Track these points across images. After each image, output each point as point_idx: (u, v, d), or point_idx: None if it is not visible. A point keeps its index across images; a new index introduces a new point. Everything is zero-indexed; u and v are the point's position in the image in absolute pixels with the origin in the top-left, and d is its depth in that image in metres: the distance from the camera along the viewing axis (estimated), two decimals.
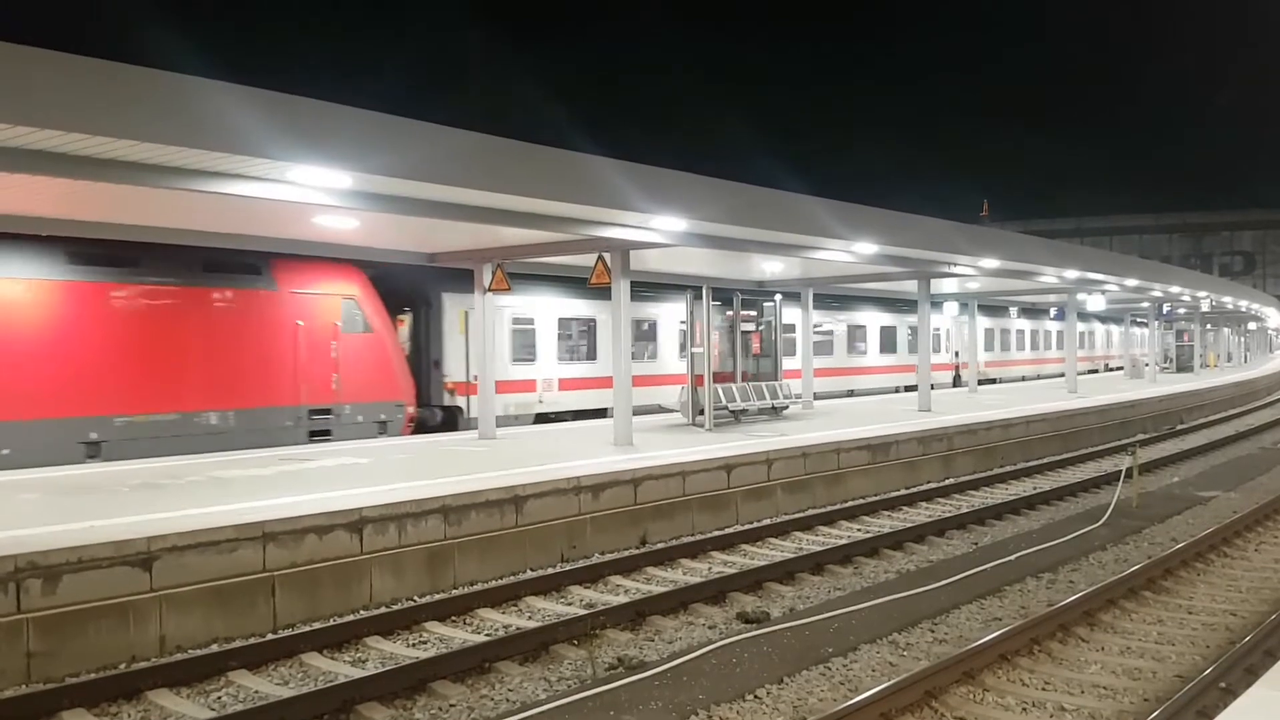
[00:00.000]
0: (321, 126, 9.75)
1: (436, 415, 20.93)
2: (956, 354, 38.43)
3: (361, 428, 18.49)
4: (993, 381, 40.24)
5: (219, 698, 7.57)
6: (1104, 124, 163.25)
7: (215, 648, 8.43)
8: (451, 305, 21.09)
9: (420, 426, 19.95)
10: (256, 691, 7.64)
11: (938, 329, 36.99)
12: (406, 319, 21.58)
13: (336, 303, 18.41)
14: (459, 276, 19.28)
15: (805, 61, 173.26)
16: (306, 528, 9.53)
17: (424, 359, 21.24)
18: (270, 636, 8.74)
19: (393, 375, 19.24)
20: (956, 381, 37.89)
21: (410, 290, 21.19)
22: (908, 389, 32.90)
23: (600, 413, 22.73)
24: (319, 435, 17.85)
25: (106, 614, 8.14)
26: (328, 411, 18.09)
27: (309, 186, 10.37)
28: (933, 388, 24.39)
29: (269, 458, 14.72)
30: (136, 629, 8.27)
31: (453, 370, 21.12)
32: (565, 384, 23.31)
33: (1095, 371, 52.60)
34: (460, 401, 21.11)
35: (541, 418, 22.49)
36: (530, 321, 22.68)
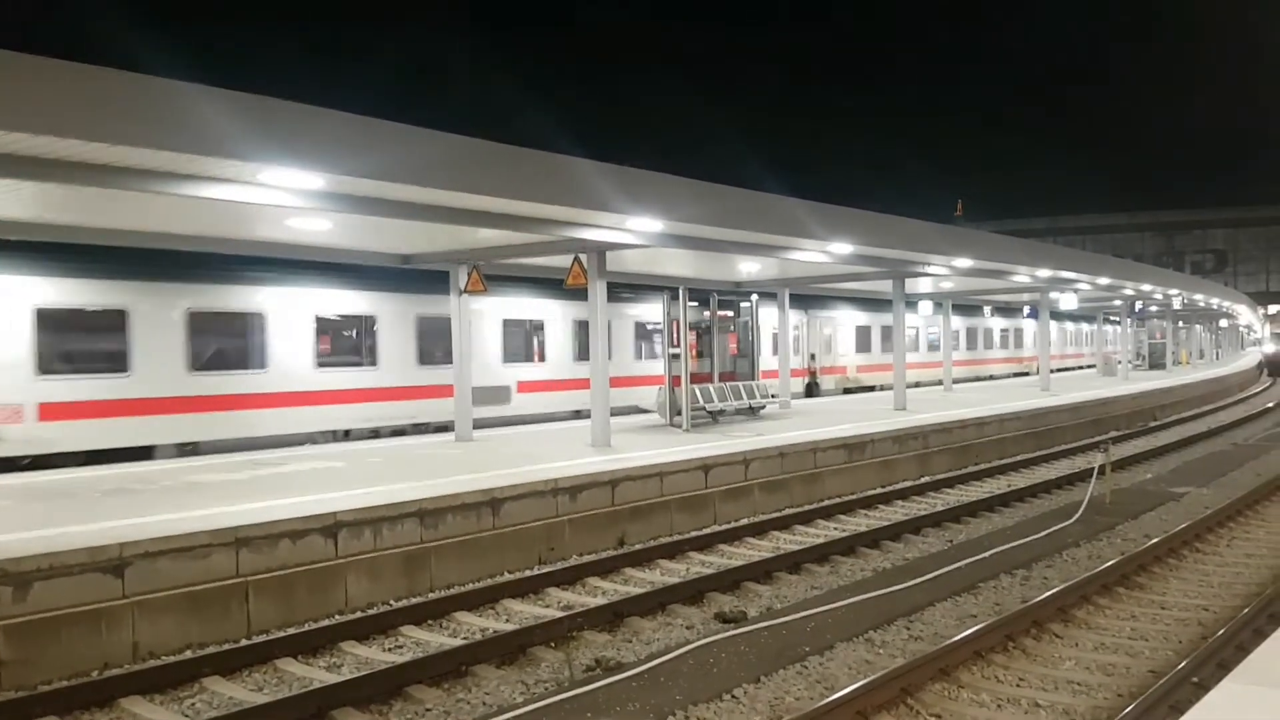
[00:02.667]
0: (293, 128, 9.70)
1: None
2: (813, 356, 32.07)
3: None
4: (870, 389, 33.57)
5: (193, 704, 7.51)
6: (1078, 123, 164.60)
7: (189, 654, 8.35)
8: None
9: None
10: (231, 698, 7.58)
11: (797, 327, 30.83)
12: None
13: None
14: None
15: (783, 60, 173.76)
16: (280, 532, 9.47)
17: None
18: (245, 642, 8.67)
19: None
20: (810, 390, 31.43)
21: None
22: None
23: (144, 451, 16.15)
24: None
25: (79, 621, 8.06)
26: None
27: (281, 189, 10.31)
28: (793, 397, 23.36)
29: (241, 462, 14.62)
30: (109, 635, 8.19)
31: None
32: (60, 410, 15.43)
33: (1027, 374, 45.25)
34: None
35: (7, 464, 14.77)
36: None
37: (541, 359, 23.20)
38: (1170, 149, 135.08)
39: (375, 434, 19.77)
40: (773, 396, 22.96)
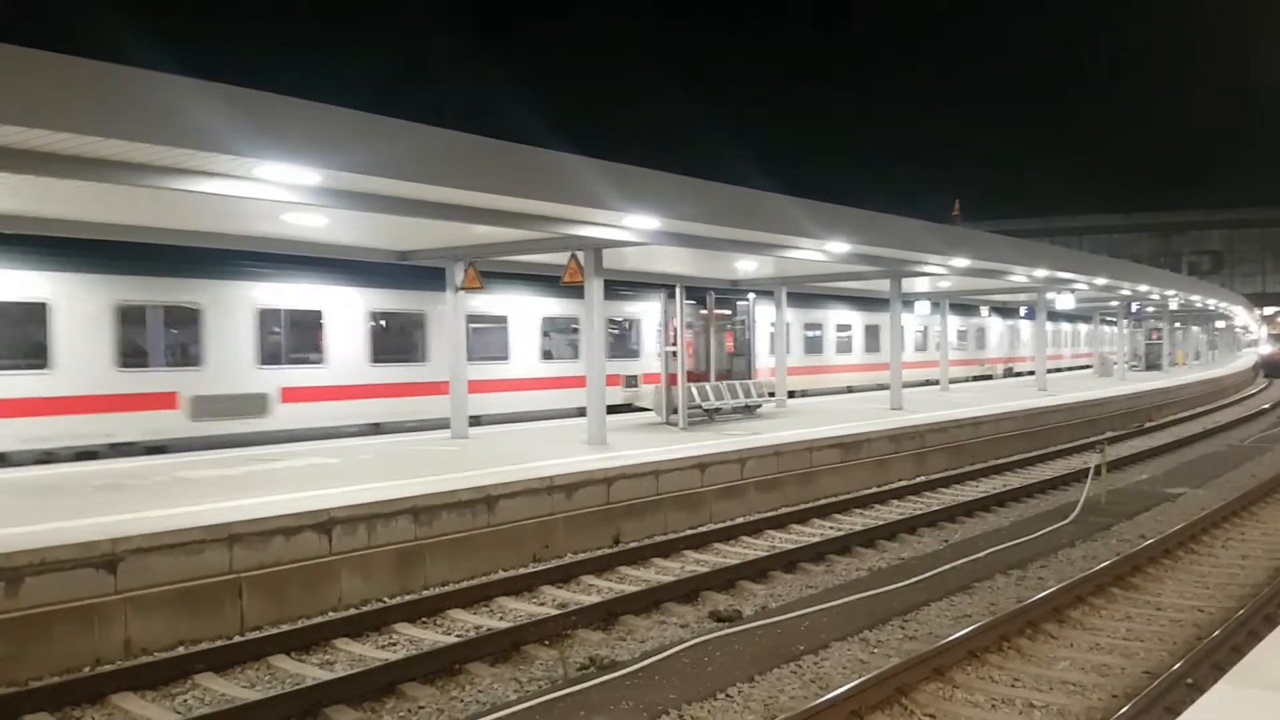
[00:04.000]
0: (289, 122, 9.65)
1: None
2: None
3: None
4: (789, 395, 27.69)
5: (184, 701, 7.48)
6: (1076, 123, 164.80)
7: (181, 650, 8.32)
8: None
9: None
10: (223, 694, 7.55)
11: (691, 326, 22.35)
12: None
13: None
14: None
15: (779, 60, 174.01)
16: (274, 529, 9.44)
17: None
18: (237, 639, 8.63)
19: None
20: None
21: None
22: None
23: None
24: None
25: (70, 616, 8.02)
26: None
27: (276, 184, 10.27)
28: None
29: (236, 458, 14.58)
30: (101, 632, 8.15)
31: None
32: None
33: (989, 377, 42.50)
34: None
35: None
36: None
37: (320, 360, 19.03)
38: (1167, 150, 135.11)
39: (49, 457, 15.12)
40: (769, 395, 22.94)
